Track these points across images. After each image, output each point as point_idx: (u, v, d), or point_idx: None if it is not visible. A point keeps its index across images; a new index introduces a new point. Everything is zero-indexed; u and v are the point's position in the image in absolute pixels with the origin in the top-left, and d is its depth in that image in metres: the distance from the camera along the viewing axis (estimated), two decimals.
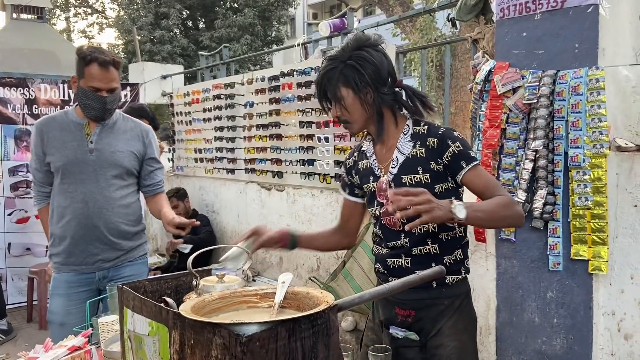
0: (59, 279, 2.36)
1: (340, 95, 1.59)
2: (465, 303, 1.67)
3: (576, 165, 2.13)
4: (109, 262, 2.37)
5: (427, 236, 1.63)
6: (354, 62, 1.57)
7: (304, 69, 3.65)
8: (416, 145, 1.62)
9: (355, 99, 1.59)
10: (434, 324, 1.62)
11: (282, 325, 1.01)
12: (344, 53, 1.59)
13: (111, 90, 2.26)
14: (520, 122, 2.31)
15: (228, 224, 4.64)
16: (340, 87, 1.58)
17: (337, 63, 1.58)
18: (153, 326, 1.15)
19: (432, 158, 1.59)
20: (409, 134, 1.65)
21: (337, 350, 1.13)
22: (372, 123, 1.65)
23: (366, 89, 1.58)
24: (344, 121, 1.66)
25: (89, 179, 2.30)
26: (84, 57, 2.22)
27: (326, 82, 1.60)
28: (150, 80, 5.72)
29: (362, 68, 1.57)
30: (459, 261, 1.64)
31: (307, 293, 1.25)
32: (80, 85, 2.26)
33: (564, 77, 2.17)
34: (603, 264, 2.11)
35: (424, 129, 1.64)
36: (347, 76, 1.57)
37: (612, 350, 2.17)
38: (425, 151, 1.60)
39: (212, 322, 1.00)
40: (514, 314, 2.41)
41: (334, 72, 1.58)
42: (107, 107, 2.28)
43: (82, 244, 2.32)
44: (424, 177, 1.60)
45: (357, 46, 1.59)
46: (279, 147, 3.97)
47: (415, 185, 1.60)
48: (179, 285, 1.41)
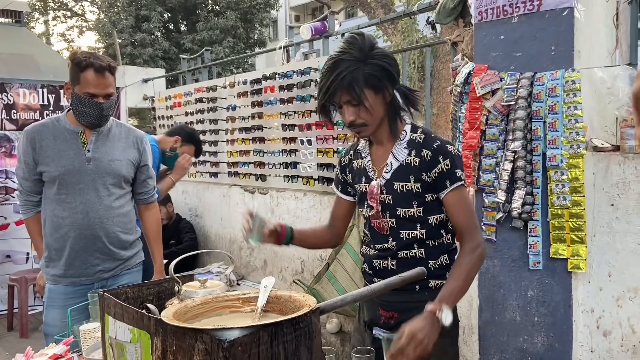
0: (56, 290, 2.30)
1: (363, 97, 1.51)
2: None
3: (554, 165, 2.17)
4: (108, 272, 2.33)
5: (414, 241, 1.63)
6: (377, 61, 1.51)
7: (285, 72, 3.66)
8: (411, 154, 1.60)
9: (377, 99, 1.54)
10: None
11: (264, 330, 1.02)
12: (354, 53, 1.50)
13: (107, 96, 2.21)
14: (499, 124, 2.35)
15: (212, 227, 4.62)
16: (364, 89, 1.50)
17: (355, 64, 1.50)
18: (135, 333, 1.14)
19: (424, 170, 1.58)
20: (406, 140, 1.63)
21: (320, 353, 1.13)
22: (384, 123, 1.61)
23: (388, 86, 1.55)
24: (359, 125, 1.58)
25: (87, 188, 2.25)
26: (79, 63, 2.16)
27: (347, 85, 1.49)
28: (131, 84, 5.67)
29: (384, 63, 1.52)
30: (444, 266, 1.63)
31: (290, 297, 1.26)
32: (75, 91, 2.20)
33: (541, 79, 2.21)
34: (582, 262, 2.15)
35: (420, 138, 1.61)
36: (372, 76, 1.50)
37: (592, 347, 2.21)
38: (420, 162, 1.59)
39: (194, 327, 1.00)
40: (496, 313, 2.44)
41: (357, 74, 1.49)
42: (104, 113, 2.23)
43: (82, 255, 2.27)
44: (415, 186, 1.59)
45: (369, 46, 1.53)
46: (261, 150, 3.97)
47: (407, 193, 1.60)
48: (161, 292, 1.40)
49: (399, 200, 1.62)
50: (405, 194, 1.60)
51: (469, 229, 1.57)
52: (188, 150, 3.37)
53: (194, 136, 3.45)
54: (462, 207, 1.57)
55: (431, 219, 1.61)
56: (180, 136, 3.32)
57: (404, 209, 1.61)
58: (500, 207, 2.35)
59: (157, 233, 2.57)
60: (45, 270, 2.34)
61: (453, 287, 1.49)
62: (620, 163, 2.08)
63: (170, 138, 3.29)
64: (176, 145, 3.29)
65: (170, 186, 3.27)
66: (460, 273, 1.52)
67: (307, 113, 3.52)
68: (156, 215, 2.57)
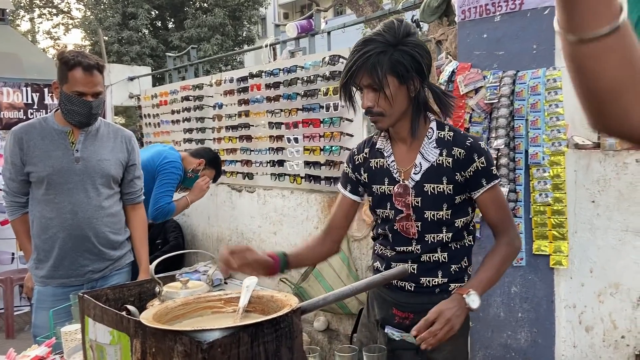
0: (44, 292, 2.28)
1: (385, 83, 1.43)
2: None
3: (536, 163, 2.19)
4: (98, 273, 2.32)
5: (439, 245, 1.57)
6: (408, 49, 1.43)
7: (272, 70, 3.65)
8: (442, 154, 1.52)
9: (400, 90, 1.46)
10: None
11: (244, 331, 1.02)
12: (389, 36, 1.43)
13: (96, 95, 2.20)
14: (482, 122, 2.37)
15: (199, 226, 4.60)
16: (387, 75, 1.43)
17: (384, 47, 1.42)
18: (114, 335, 1.14)
19: (457, 170, 1.51)
20: (434, 139, 1.54)
21: (301, 353, 1.14)
22: (405, 119, 1.53)
23: (414, 79, 1.46)
24: (377, 113, 1.49)
25: (76, 188, 2.24)
26: (67, 62, 2.15)
27: (370, 65, 1.42)
28: (117, 82, 5.63)
29: (419, 55, 1.44)
30: (463, 269, 1.59)
31: (272, 296, 1.26)
32: (63, 90, 2.18)
33: (523, 78, 2.23)
34: (564, 259, 2.17)
35: (449, 135, 1.53)
36: (399, 62, 1.42)
37: (574, 342, 2.24)
38: (452, 161, 1.51)
39: (173, 329, 1.00)
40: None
41: (383, 57, 1.42)
42: (93, 112, 2.22)
43: (71, 256, 2.25)
44: (448, 187, 1.52)
45: (405, 32, 1.44)
46: (248, 148, 3.96)
47: (438, 196, 1.53)
48: (142, 293, 1.39)
49: (429, 203, 1.54)
50: (437, 196, 1.53)
51: (505, 224, 1.55)
52: (209, 174, 3.40)
53: (218, 161, 3.46)
54: (498, 204, 1.54)
55: (458, 222, 1.55)
56: (205, 159, 3.33)
57: (433, 211, 1.54)
58: None
59: (144, 234, 2.56)
60: (34, 272, 2.32)
61: (483, 276, 1.48)
62: (600, 160, 2.10)
63: (195, 160, 3.30)
64: (199, 168, 3.31)
65: (185, 207, 3.28)
66: (493, 264, 1.51)
67: (293, 111, 3.51)
68: (143, 216, 2.56)
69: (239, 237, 4.12)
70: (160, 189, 3.08)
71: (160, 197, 3.07)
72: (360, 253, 3.11)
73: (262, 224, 3.86)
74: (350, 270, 3.07)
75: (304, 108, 3.42)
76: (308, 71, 3.38)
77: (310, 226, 3.44)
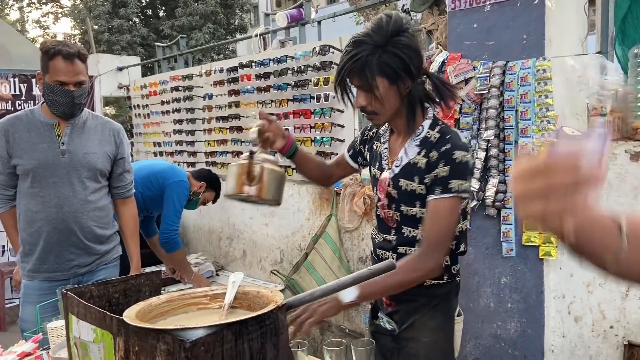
0: (31, 286, 2.27)
1: (374, 85, 1.45)
2: (443, 304, 1.62)
3: (526, 153, 2.18)
4: (84, 267, 2.31)
5: (415, 240, 1.59)
6: (396, 50, 1.43)
7: (262, 60, 3.61)
8: (421, 153, 1.53)
9: (390, 90, 1.47)
10: (408, 317, 1.61)
11: (228, 328, 1.01)
12: (377, 37, 1.44)
13: (79, 84, 2.17)
14: (472, 112, 2.36)
15: (190, 218, 4.58)
16: (376, 76, 1.44)
17: (372, 49, 1.43)
18: (97, 333, 1.13)
19: (427, 172, 1.51)
20: (420, 137, 1.55)
21: (287, 349, 1.13)
22: (400, 115, 1.55)
23: (404, 79, 1.47)
24: (370, 112, 1.53)
25: (62, 182, 2.22)
26: (48, 51, 2.13)
27: (358, 69, 1.45)
28: (105, 73, 5.56)
29: (405, 55, 1.44)
30: (443, 267, 1.56)
31: (258, 292, 1.25)
32: (45, 81, 2.16)
33: (513, 68, 2.21)
34: (553, 250, 2.18)
35: (435, 137, 1.52)
36: (387, 64, 1.43)
37: (563, 332, 2.25)
38: (426, 163, 1.51)
39: (155, 328, 0.99)
40: (471, 300, 2.47)
41: (371, 59, 1.43)
42: (76, 101, 2.18)
43: (56, 250, 2.24)
44: (419, 187, 1.53)
45: (395, 31, 1.44)
46: (239, 139, 3.93)
47: (410, 193, 1.54)
48: (127, 289, 1.38)
49: (403, 198, 1.57)
50: (409, 193, 1.55)
51: (430, 240, 1.48)
52: (209, 197, 3.46)
53: (218, 183, 3.50)
54: (436, 219, 1.48)
55: None
56: (206, 182, 3.37)
57: (407, 207, 1.57)
58: (474, 195, 2.36)
59: (134, 228, 2.54)
60: (21, 266, 2.31)
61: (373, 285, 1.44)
62: None
63: (196, 182, 3.34)
64: (200, 191, 3.35)
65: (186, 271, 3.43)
66: (388, 283, 1.46)
67: (284, 102, 3.48)
68: (133, 210, 2.53)
69: (231, 229, 4.10)
70: (172, 211, 3.14)
71: (170, 222, 3.14)
72: (352, 244, 3.10)
73: (253, 216, 3.85)
74: (341, 261, 3.07)
75: (294, 99, 3.39)
76: (298, 61, 3.35)
77: (302, 218, 3.43)
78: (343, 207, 3.07)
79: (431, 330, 1.56)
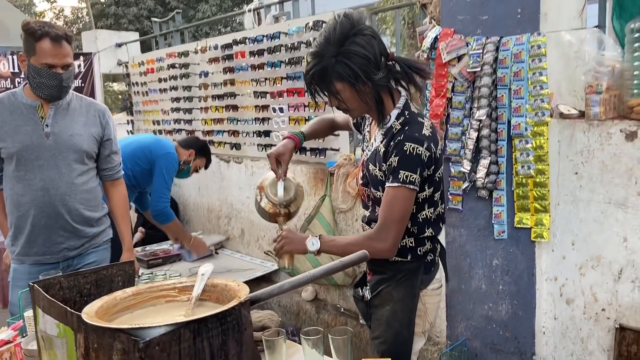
0: (20, 270, 2.27)
1: (335, 90, 1.56)
2: (406, 279, 1.71)
3: (518, 133, 2.12)
4: (74, 251, 2.29)
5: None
6: (344, 59, 1.51)
7: (255, 37, 3.53)
8: (383, 142, 1.62)
9: (352, 92, 1.56)
10: (378, 287, 1.75)
11: (186, 327, 0.98)
12: (329, 47, 1.52)
13: (66, 67, 2.13)
14: (465, 91, 2.28)
15: (190, 197, 4.58)
16: (335, 83, 1.54)
17: (326, 60, 1.52)
18: (61, 328, 1.11)
19: (385, 160, 1.59)
20: (387, 126, 1.63)
21: (251, 345, 1.11)
22: (372, 109, 1.63)
23: (363, 82, 1.54)
24: (344, 109, 1.65)
25: (47, 165, 2.19)
26: (34, 33, 2.07)
27: (317, 80, 1.56)
28: (104, 49, 5.50)
29: (354, 63, 1.51)
30: (407, 248, 1.68)
31: (226, 285, 1.22)
32: (31, 63, 2.10)
33: (507, 44, 2.13)
34: (545, 232, 2.13)
35: (397, 127, 1.60)
36: (340, 73, 1.52)
37: (555, 315, 2.22)
38: (384, 152, 1.60)
39: (110, 327, 0.97)
40: (463, 281, 2.44)
41: (325, 71, 1.53)
42: (64, 84, 2.15)
43: (44, 234, 2.22)
44: (380, 173, 1.62)
45: (343, 38, 1.51)
46: (235, 118, 3.89)
47: (374, 177, 1.65)
48: (99, 279, 1.36)
49: (370, 181, 1.68)
50: (374, 177, 1.65)
51: (381, 224, 1.59)
52: (200, 163, 3.46)
53: (207, 149, 3.50)
54: (387, 205, 1.57)
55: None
56: (194, 149, 3.36)
57: (374, 190, 1.67)
58: (466, 176, 2.31)
59: (124, 210, 2.52)
60: (10, 250, 2.31)
61: (337, 242, 1.68)
62: (584, 130, 2.03)
63: (185, 151, 3.33)
64: (190, 159, 3.33)
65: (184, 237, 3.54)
66: (347, 242, 1.66)
67: (278, 80, 3.42)
68: (122, 192, 2.51)
69: (229, 207, 4.09)
70: (162, 184, 3.14)
71: (161, 194, 3.14)
72: (346, 225, 3.07)
73: (250, 195, 3.82)
74: None
75: (288, 76, 3.32)
76: (292, 37, 3.26)
77: None
78: (337, 188, 3.03)
79: (394, 300, 1.69)
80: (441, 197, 1.72)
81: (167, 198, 3.22)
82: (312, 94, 1.65)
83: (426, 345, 2.68)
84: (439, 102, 2.34)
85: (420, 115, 1.65)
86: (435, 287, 1.78)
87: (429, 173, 1.60)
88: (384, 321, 1.73)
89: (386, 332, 1.73)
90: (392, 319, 1.72)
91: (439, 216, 1.72)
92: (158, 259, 3.80)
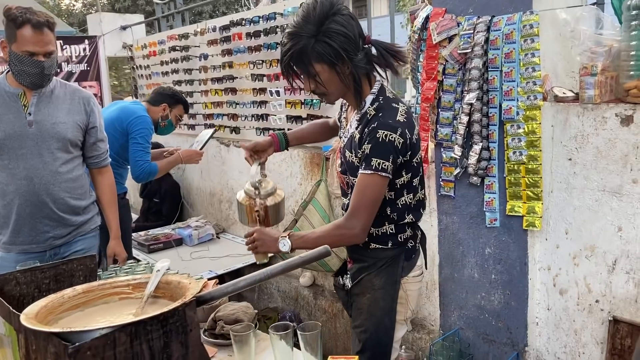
0: (7, 258, 2.27)
1: (314, 72, 1.53)
2: (387, 266, 1.71)
3: (510, 118, 2.03)
4: (60, 239, 2.29)
5: None
6: (325, 38, 1.48)
7: (252, 18, 3.45)
8: (358, 128, 1.60)
9: (331, 73, 1.53)
10: (359, 275, 1.74)
11: (122, 330, 0.95)
12: (308, 27, 1.48)
13: (48, 54, 2.10)
14: (456, 74, 2.19)
15: (193, 181, 4.57)
16: (314, 64, 1.51)
17: (305, 40, 1.48)
18: (7, 327, 1.10)
19: (359, 147, 1.58)
20: (362, 112, 1.61)
21: (198, 346, 1.07)
22: (349, 93, 1.61)
23: (343, 62, 1.52)
24: (320, 93, 1.62)
25: (31, 153, 2.17)
26: (15, 19, 2.04)
27: (295, 60, 1.52)
28: (109, 32, 5.48)
29: (335, 42, 1.48)
30: (387, 235, 1.68)
31: (179, 282, 1.19)
32: (12, 50, 2.08)
33: (499, 24, 2.02)
34: (537, 220, 2.04)
35: (372, 113, 1.58)
36: (320, 53, 1.48)
37: (548, 305, 2.15)
38: (358, 138, 1.58)
39: (43, 330, 0.94)
40: (455, 270, 2.38)
41: (304, 50, 1.49)
42: (46, 72, 2.12)
43: (30, 223, 2.22)
44: (356, 160, 1.60)
45: (322, 18, 1.48)
46: (234, 101, 3.84)
47: (351, 164, 1.63)
48: (58, 274, 1.34)
49: (348, 168, 1.67)
50: (350, 164, 1.64)
51: (352, 210, 1.57)
52: (178, 112, 3.34)
53: (177, 95, 3.37)
54: (358, 191, 1.56)
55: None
56: (165, 102, 3.24)
57: (352, 177, 1.65)
58: (458, 162, 2.23)
59: (112, 198, 2.50)
60: None
61: (307, 237, 1.63)
62: (579, 115, 1.92)
63: (157, 107, 3.22)
64: (165, 113, 3.24)
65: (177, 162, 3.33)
66: (317, 235, 1.62)
67: (274, 62, 3.35)
68: (110, 180, 2.49)
69: (230, 192, 4.07)
70: (137, 147, 3.02)
71: (138, 158, 3.02)
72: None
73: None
74: None
75: None
76: (287, 19, 3.18)
77: (295, 182, 3.36)
78: (332, 173, 2.97)
79: (375, 288, 1.68)
80: (420, 183, 1.69)
81: (146, 159, 3.07)
82: (288, 78, 1.61)
83: (420, 334, 2.63)
84: (429, 85, 2.25)
85: (396, 100, 1.60)
86: (416, 274, 1.77)
87: (405, 159, 1.59)
88: (365, 310, 1.71)
89: (367, 321, 1.71)
90: (374, 308, 1.70)
91: (419, 202, 1.71)
92: (159, 244, 3.81)
